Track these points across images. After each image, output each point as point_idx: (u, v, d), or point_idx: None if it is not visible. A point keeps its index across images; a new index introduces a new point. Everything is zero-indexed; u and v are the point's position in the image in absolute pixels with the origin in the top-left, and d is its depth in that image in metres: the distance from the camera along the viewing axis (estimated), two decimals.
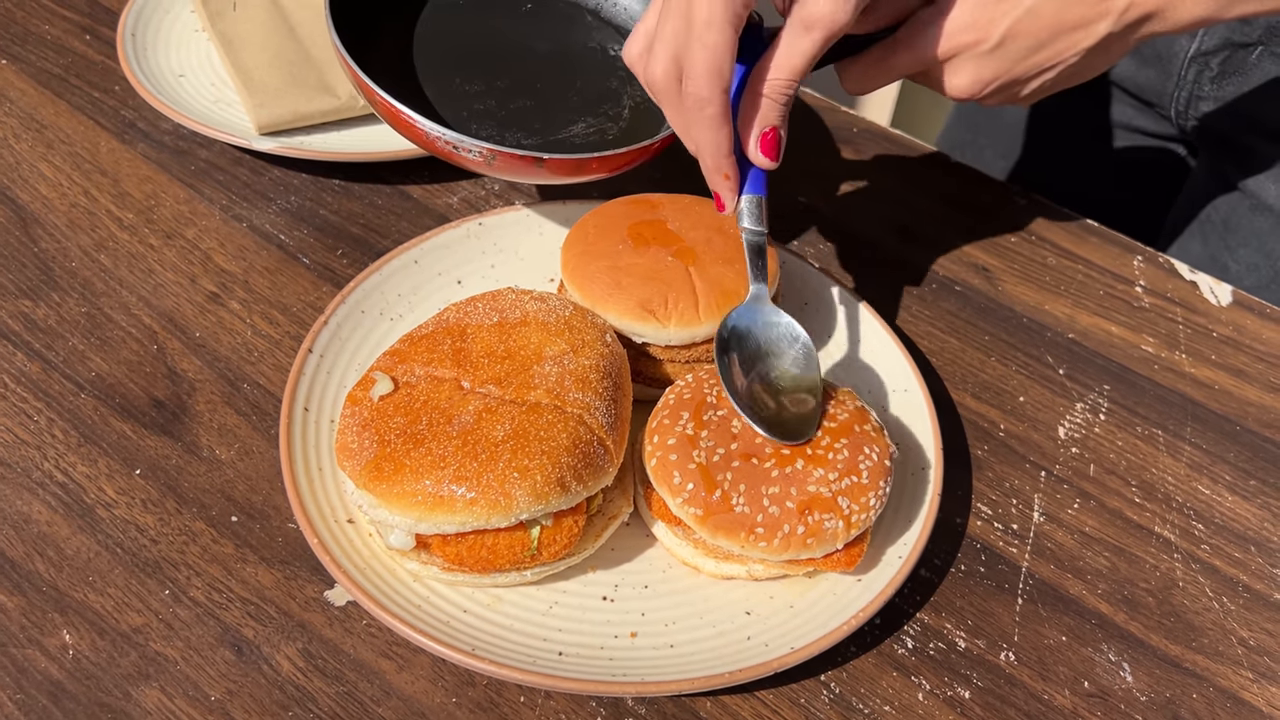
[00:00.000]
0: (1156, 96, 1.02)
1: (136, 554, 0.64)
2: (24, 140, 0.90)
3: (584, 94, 0.82)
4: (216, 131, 0.88)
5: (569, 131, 0.79)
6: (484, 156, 0.70)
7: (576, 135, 0.79)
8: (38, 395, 0.72)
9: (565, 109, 0.80)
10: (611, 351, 0.67)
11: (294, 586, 0.64)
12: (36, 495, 0.66)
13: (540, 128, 0.78)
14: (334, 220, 0.87)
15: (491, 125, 0.77)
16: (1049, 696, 0.63)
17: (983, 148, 1.21)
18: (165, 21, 1.00)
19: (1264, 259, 0.97)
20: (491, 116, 0.78)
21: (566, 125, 0.79)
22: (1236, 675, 0.65)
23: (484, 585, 0.63)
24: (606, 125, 0.80)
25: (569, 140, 0.78)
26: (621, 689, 0.58)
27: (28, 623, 0.60)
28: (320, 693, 0.59)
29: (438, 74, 0.80)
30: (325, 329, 0.74)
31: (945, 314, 0.86)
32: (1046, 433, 0.78)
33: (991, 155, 1.20)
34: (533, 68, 0.82)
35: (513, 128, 0.77)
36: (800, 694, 0.62)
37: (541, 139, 0.77)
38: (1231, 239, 1.00)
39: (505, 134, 0.77)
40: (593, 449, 0.61)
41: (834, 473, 0.62)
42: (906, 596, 0.67)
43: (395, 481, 0.59)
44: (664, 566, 0.66)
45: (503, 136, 0.76)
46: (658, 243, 0.74)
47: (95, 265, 0.81)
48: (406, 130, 0.71)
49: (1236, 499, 0.75)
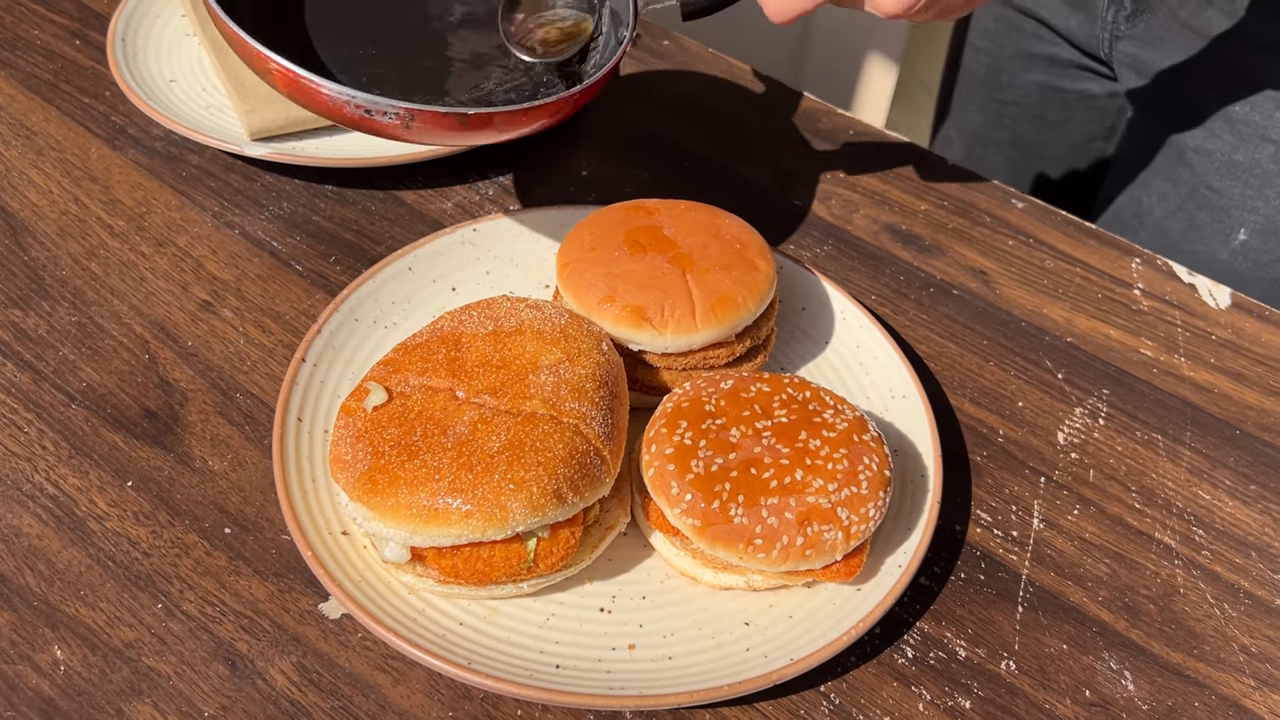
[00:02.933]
0: (1088, 40, 1.07)
1: (129, 567, 0.63)
2: (13, 147, 0.89)
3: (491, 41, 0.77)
4: (208, 137, 0.87)
5: (482, 90, 0.74)
6: (400, 119, 0.64)
7: (494, 92, 0.73)
8: (28, 406, 0.71)
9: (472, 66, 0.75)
10: (608, 360, 0.66)
11: (288, 600, 0.63)
12: (27, 508, 0.66)
13: (450, 88, 0.73)
14: (327, 227, 0.86)
15: (395, 90, 0.71)
16: (1050, 706, 0.63)
17: (965, 106, 1.25)
18: (156, 26, 0.99)
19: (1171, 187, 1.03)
20: (390, 81, 0.72)
21: (476, 84, 0.74)
22: (1238, 683, 0.65)
23: (480, 598, 0.62)
24: (521, 81, 0.75)
25: (485, 99, 0.73)
26: (620, 702, 0.57)
27: (18, 638, 0.60)
28: (315, 707, 0.59)
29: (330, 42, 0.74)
30: (319, 337, 0.73)
31: (943, 318, 0.85)
32: (1046, 438, 0.77)
33: (973, 111, 1.24)
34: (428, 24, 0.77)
35: (420, 93, 0.73)
36: (800, 705, 0.61)
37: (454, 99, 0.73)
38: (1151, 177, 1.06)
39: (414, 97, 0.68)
40: (589, 459, 0.61)
41: (833, 483, 0.62)
42: (906, 605, 0.67)
43: (390, 494, 0.58)
44: (662, 577, 0.66)
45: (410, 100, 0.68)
46: (654, 249, 0.73)
47: (86, 274, 0.80)
48: (309, 99, 0.64)
49: (1237, 504, 0.74)
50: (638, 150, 0.97)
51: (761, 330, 0.74)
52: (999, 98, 1.20)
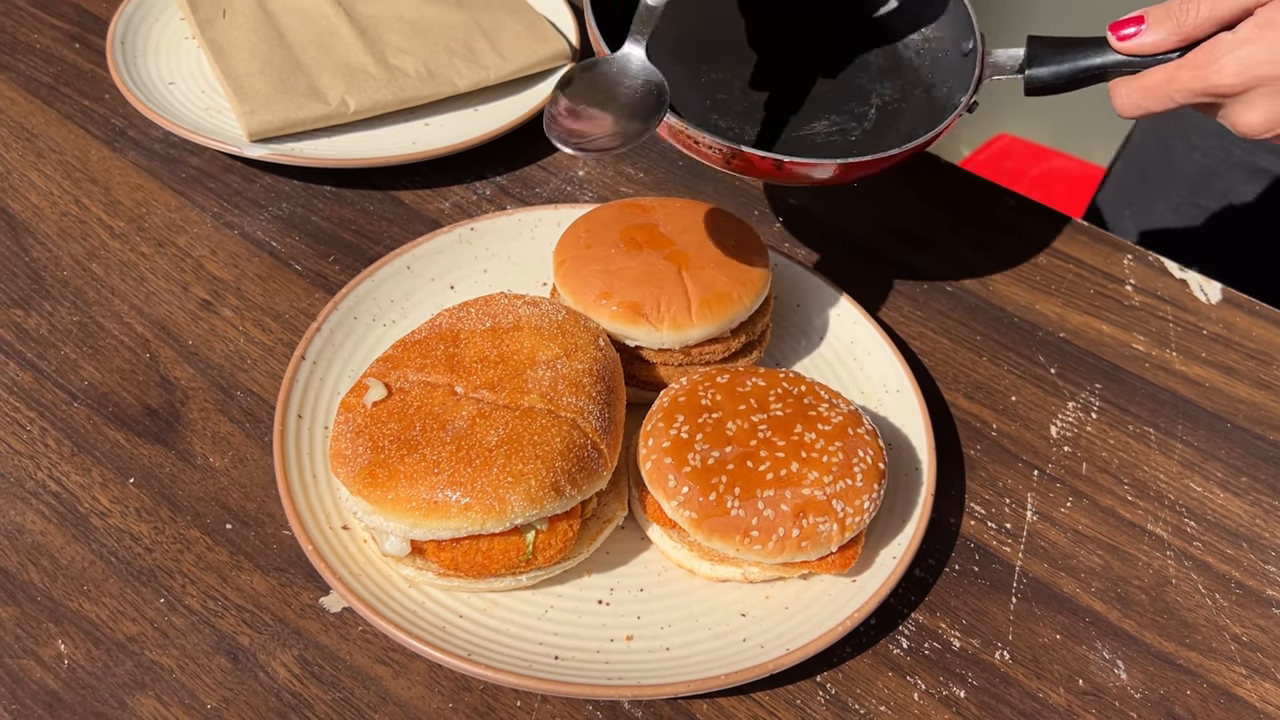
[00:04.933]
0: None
1: (131, 563, 0.64)
2: (14, 149, 0.90)
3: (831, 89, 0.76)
4: (207, 139, 0.87)
5: (810, 129, 0.74)
6: (723, 155, 0.66)
7: (819, 134, 0.74)
8: (30, 405, 0.72)
9: (811, 103, 0.75)
10: (604, 355, 0.67)
11: (289, 593, 0.63)
12: (30, 505, 0.66)
13: (782, 123, 0.74)
14: (326, 226, 0.87)
15: (733, 117, 0.73)
16: (1044, 695, 0.63)
17: (1153, 199, 1.13)
18: (155, 29, 1.00)
19: None
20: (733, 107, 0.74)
21: (809, 123, 0.74)
22: (1230, 671, 0.66)
23: (479, 590, 0.63)
24: (849, 125, 0.75)
25: (809, 139, 0.74)
26: (618, 692, 0.58)
27: (22, 633, 0.60)
28: (317, 699, 0.59)
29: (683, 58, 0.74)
30: (318, 335, 0.74)
31: (937, 314, 0.86)
32: (1039, 432, 0.78)
33: (1162, 209, 1.11)
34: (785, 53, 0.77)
35: (753, 120, 0.74)
36: (796, 695, 0.62)
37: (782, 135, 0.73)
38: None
39: (746, 126, 0.73)
40: (587, 453, 0.61)
41: (828, 476, 0.62)
42: (901, 597, 0.67)
43: (390, 488, 0.59)
44: (659, 570, 0.66)
45: (742, 130, 0.73)
46: (650, 246, 0.74)
47: (87, 274, 0.80)
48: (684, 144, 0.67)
49: (1228, 496, 0.75)
50: (634, 151, 0.98)
51: (757, 326, 0.75)
52: (1202, 204, 1.07)
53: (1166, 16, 0.63)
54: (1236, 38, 0.62)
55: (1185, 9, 0.63)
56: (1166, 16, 0.63)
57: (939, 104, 0.74)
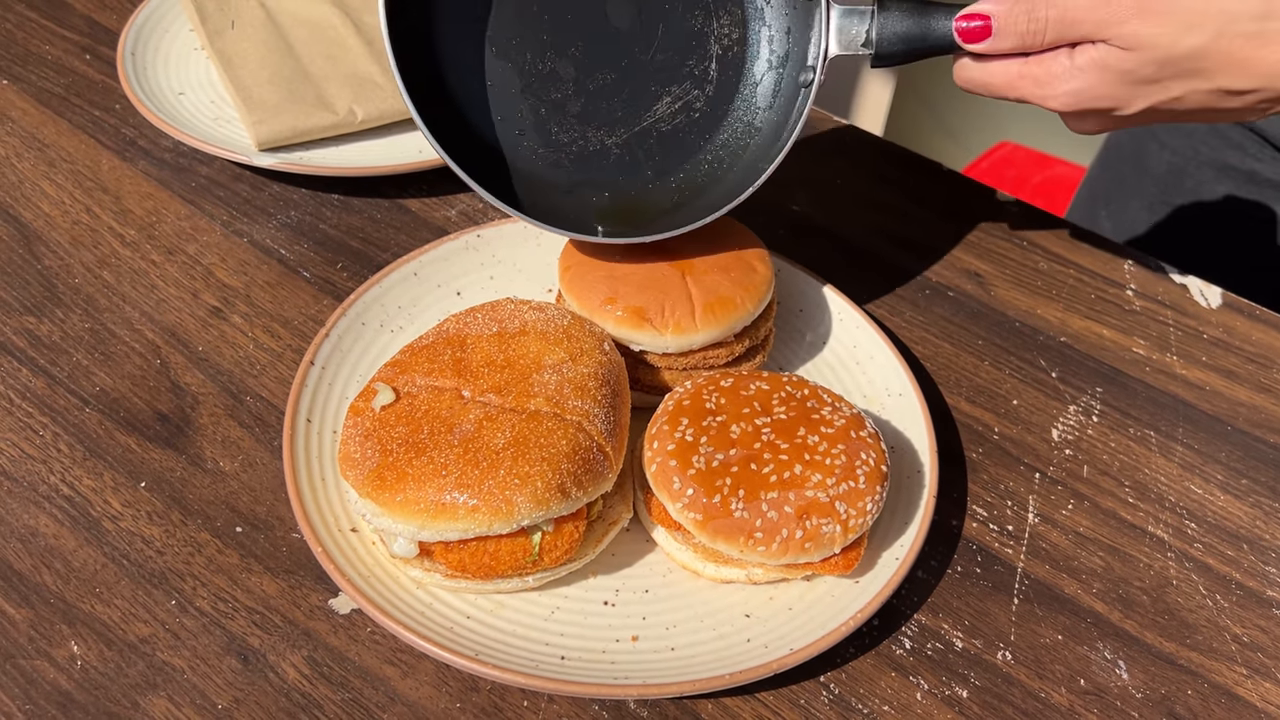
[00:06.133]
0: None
1: (142, 565, 0.65)
2: (26, 159, 0.91)
3: (667, 45, 0.75)
4: (216, 148, 0.89)
5: (654, 114, 0.75)
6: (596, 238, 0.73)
7: (663, 118, 0.75)
8: (43, 410, 0.72)
9: (649, 76, 0.75)
10: (609, 359, 0.68)
11: (299, 595, 0.64)
12: (43, 509, 0.67)
13: (624, 115, 0.75)
14: (334, 234, 0.88)
15: (572, 122, 0.75)
16: (1046, 695, 0.64)
17: (1127, 199, 1.15)
18: (165, 40, 1.01)
19: None
20: (568, 109, 0.74)
21: (651, 104, 0.75)
22: (1231, 671, 0.66)
23: (486, 591, 0.64)
24: (693, 95, 0.75)
25: (655, 128, 0.75)
26: (624, 692, 0.59)
27: (36, 634, 0.61)
28: (326, 700, 0.60)
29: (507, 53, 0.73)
30: (326, 341, 0.75)
31: (939, 319, 0.87)
32: (1040, 435, 0.79)
33: (1136, 207, 1.13)
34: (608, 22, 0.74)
35: (594, 122, 0.75)
36: (800, 695, 0.63)
37: (627, 131, 0.75)
38: None
39: (588, 132, 0.75)
40: (592, 455, 0.62)
41: (831, 478, 0.63)
42: (904, 598, 0.68)
43: (398, 490, 0.60)
44: (664, 571, 0.67)
45: (586, 138, 0.75)
46: (653, 252, 0.75)
47: (98, 281, 0.81)
48: None
49: (1228, 498, 0.76)
50: None
51: (760, 330, 0.76)
52: (1172, 201, 1.09)
53: (1012, 32, 0.64)
54: (1075, 67, 0.63)
55: (1033, 32, 0.64)
56: (1012, 32, 0.64)
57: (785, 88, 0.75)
